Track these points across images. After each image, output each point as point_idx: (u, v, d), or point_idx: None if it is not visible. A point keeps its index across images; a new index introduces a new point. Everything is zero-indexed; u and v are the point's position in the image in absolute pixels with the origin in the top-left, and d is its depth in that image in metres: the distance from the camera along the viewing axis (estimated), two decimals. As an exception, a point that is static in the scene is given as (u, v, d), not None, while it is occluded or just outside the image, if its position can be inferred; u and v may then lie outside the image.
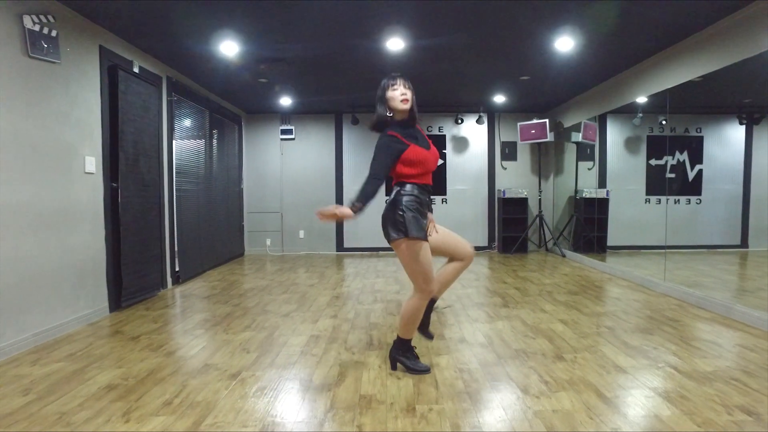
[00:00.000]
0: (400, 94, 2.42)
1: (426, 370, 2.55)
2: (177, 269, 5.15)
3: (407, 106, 2.43)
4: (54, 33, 3.11)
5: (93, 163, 3.63)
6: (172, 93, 5.03)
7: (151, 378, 2.49)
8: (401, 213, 2.39)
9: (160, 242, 4.75)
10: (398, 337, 2.59)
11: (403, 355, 2.58)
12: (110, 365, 2.68)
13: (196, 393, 2.31)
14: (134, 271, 4.15)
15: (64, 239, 3.33)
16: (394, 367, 2.61)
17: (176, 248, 5.14)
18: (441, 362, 2.72)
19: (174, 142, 5.11)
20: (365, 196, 2.35)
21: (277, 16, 3.66)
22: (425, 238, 2.46)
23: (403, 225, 2.38)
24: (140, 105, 4.30)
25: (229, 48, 4.31)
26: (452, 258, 2.73)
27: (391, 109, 2.46)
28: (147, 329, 3.42)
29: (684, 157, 6.08)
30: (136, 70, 4.24)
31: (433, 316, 3.71)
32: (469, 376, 2.50)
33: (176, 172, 5.17)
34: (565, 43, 4.26)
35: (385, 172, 2.41)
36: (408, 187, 2.45)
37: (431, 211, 2.66)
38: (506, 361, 2.72)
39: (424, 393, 2.30)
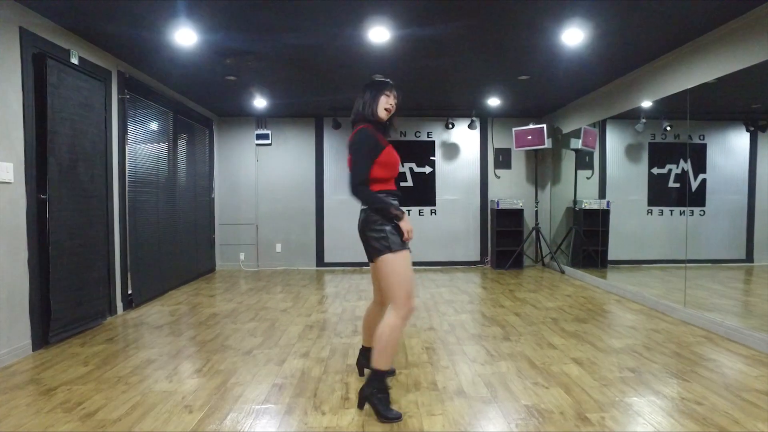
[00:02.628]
0: (386, 103, 2.40)
1: (398, 418, 2.19)
2: (130, 292, 4.49)
3: (385, 117, 2.42)
4: (-53, 7, 2.49)
5: (10, 170, 2.98)
6: (125, 90, 4.39)
7: (47, 460, 1.86)
8: (379, 228, 2.27)
9: (107, 262, 4.09)
10: (373, 369, 2.25)
11: (376, 396, 2.22)
12: (-1, 438, 2.04)
13: (102, 487, 1.68)
14: (69, 298, 3.49)
15: (-32, 265, 2.68)
16: (361, 406, 2.29)
17: (129, 268, 4.47)
18: (435, 426, 2.12)
19: (127, 146, 4.46)
20: (374, 203, 2.28)
21: (240, 2, 3.07)
22: (407, 248, 2.32)
23: (386, 240, 2.25)
24: (80, 102, 3.66)
25: (186, 37, 3.71)
26: (380, 299, 2.57)
27: (373, 111, 2.41)
28: (71, 376, 2.77)
29: (687, 165, 5.66)
30: (74, 60, 3.60)
31: (424, 356, 3.12)
32: (473, 453, 1.91)
33: (130, 181, 4.52)
34: (573, 36, 3.73)
35: (368, 173, 2.28)
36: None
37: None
38: (517, 426, 2.13)
39: (413, 485, 1.70)
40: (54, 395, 2.48)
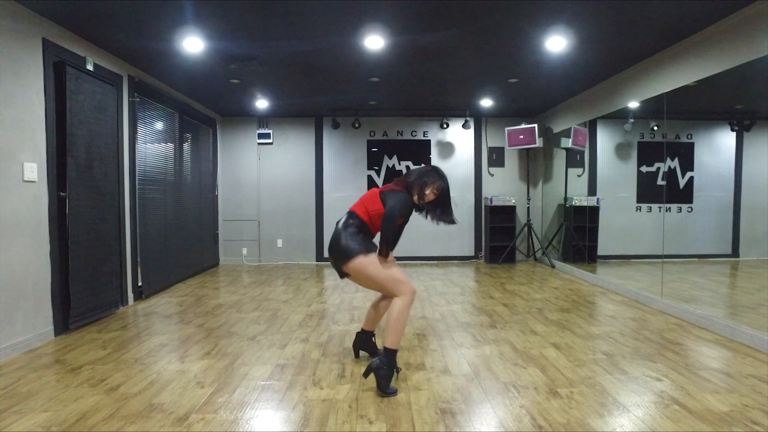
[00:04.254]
0: (430, 193, 2.75)
1: (393, 393, 2.45)
2: (140, 284, 4.76)
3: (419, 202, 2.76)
4: (-19, 22, 2.74)
5: (34, 170, 3.24)
6: (135, 93, 4.65)
7: (79, 425, 2.12)
8: (353, 235, 2.63)
9: (120, 255, 4.35)
10: (385, 348, 2.50)
11: (384, 370, 2.45)
12: (35, 408, 2.30)
13: (130, 445, 1.95)
14: (86, 288, 3.76)
15: (-3, 256, 2.94)
16: (366, 375, 2.52)
17: (139, 261, 4.74)
18: (420, 399, 2.39)
19: (137, 146, 4.72)
20: (392, 241, 2.62)
21: (245, 12, 3.32)
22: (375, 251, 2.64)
23: (359, 245, 2.59)
24: (95, 106, 3.92)
25: (193, 45, 3.96)
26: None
27: (420, 195, 2.73)
28: (92, 357, 3.04)
29: (675, 163, 5.91)
30: (89, 67, 3.86)
31: (415, 341, 3.38)
32: (452, 419, 2.17)
33: (140, 179, 4.78)
34: (556, 43, 3.99)
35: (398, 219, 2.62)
36: (358, 221, 2.69)
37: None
38: (494, 398, 2.39)
39: (399, 444, 1.96)
40: (79, 373, 2.75)
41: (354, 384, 2.59)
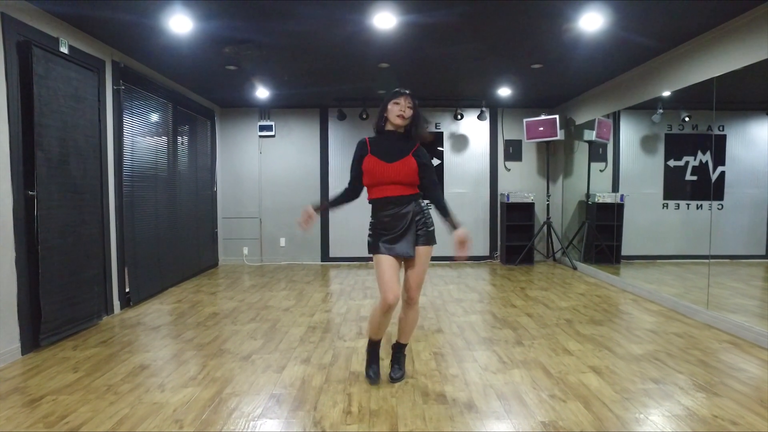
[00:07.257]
0: (398, 109, 2.46)
1: (372, 380, 2.60)
2: (127, 290, 4.35)
3: (401, 122, 2.48)
4: None
5: (-6, 167, 2.82)
6: (121, 81, 4.21)
7: (21, 485, 1.70)
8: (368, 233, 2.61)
9: (103, 260, 3.94)
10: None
11: (368, 354, 2.69)
12: (-28, 459, 1.89)
13: None
14: (61, 298, 3.34)
15: (-52, 267, 2.52)
16: None
17: (126, 265, 4.32)
18: (444, 448, 1.95)
19: (123, 140, 4.29)
20: (334, 199, 2.70)
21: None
22: (381, 252, 2.50)
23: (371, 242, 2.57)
24: (70, 94, 3.48)
25: (182, 24, 3.51)
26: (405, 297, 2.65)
27: (387, 120, 2.52)
28: (59, 384, 2.62)
29: (706, 158, 5.46)
30: (64, 49, 3.42)
31: (432, 362, 2.94)
32: (487, 482, 1.73)
33: (127, 176, 4.36)
34: (592, 21, 3.49)
35: (354, 177, 2.61)
36: (371, 207, 2.56)
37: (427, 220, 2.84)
38: (535, 448, 1.95)
39: None
40: (38, 407, 2.33)
41: (363, 423, 2.15)
